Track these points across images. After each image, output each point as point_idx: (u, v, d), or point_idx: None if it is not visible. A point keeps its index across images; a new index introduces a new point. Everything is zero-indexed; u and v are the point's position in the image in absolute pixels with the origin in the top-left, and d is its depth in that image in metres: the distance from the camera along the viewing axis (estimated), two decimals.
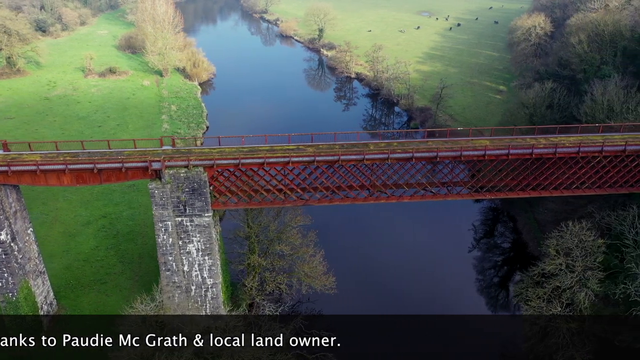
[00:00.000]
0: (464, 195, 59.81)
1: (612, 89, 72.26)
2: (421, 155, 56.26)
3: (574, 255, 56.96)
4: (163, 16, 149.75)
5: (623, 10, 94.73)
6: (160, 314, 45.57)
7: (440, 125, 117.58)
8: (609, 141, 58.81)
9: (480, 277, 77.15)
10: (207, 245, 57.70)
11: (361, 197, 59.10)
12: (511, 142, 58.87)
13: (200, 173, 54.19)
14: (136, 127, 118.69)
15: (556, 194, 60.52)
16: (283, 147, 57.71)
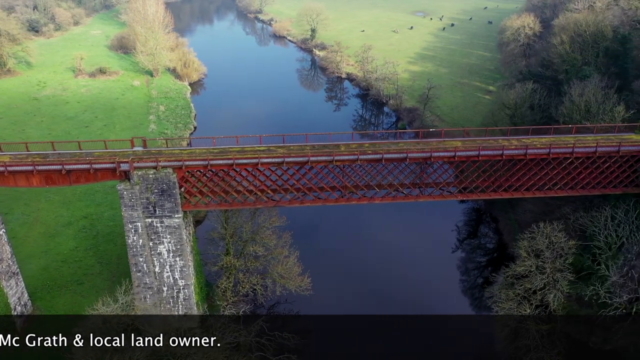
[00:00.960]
0: (435, 196, 59.72)
1: (590, 90, 72.07)
2: (391, 157, 56.23)
3: (544, 257, 56.83)
4: (153, 16, 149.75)
5: (607, 10, 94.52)
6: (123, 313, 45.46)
7: (427, 125, 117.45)
8: (581, 142, 58.75)
9: (459, 277, 77.17)
10: (178, 247, 57.72)
11: (332, 198, 59.05)
12: (482, 143, 58.83)
13: (169, 174, 54.20)
14: (123, 127, 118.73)
15: (528, 195, 60.46)
16: (253, 148, 57.74)
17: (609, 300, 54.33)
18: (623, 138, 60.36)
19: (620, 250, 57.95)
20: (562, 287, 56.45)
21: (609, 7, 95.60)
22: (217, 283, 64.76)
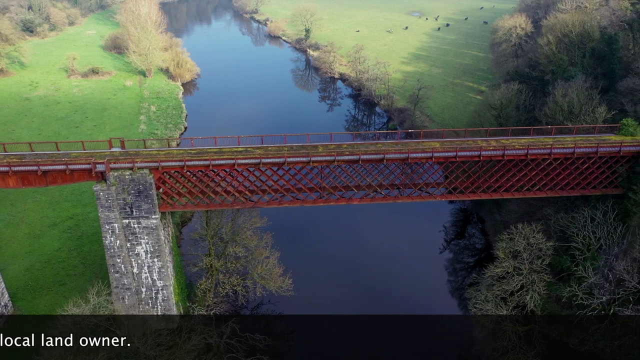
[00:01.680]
0: (413, 197, 59.66)
1: (573, 90, 71.93)
2: (368, 158, 56.16)
3: (521, 258, 56.74)
4: (146, 16, 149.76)
5: (594, 11, 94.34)
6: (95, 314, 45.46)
7: (417, 126, 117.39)
8: (559, 143, 58.68)
9: (443, 277, 76.88)
10: (156, 247, 57.72)
11: (310, 199, 58.99)
12: (461, 144, 58.76)
13: (145, 175, 54.19)
14: (113, 127, 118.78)
15: (507, 196, 60.39)
16: (231, 149, 57.73)
17: (585, 302, 54.20)
18: (602, 139, 60.26)
19: (599, 252, 57.79)
20: (539, 288, 56.33)
21: (596, 8, 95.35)
22: (197, 284, 64.56)
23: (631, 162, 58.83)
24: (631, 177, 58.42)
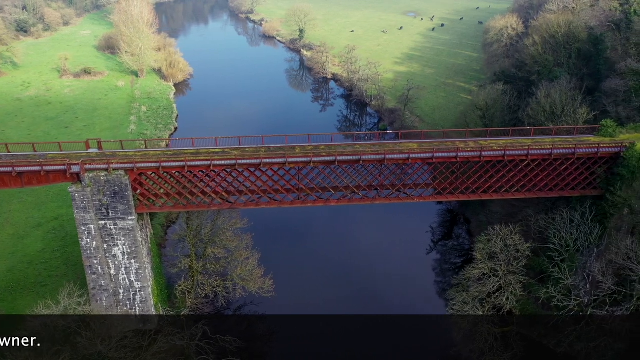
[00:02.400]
0: (391, 198, 59.56)
1: (556, 91, 71.77)
2: (345, 159, 56.08)
3: (497, 260, 56.61)
4: (138, 17, 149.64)
5: (581, 11, 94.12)
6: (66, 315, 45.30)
7: (408, 126, 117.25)
8: (537, 145, 58.56)
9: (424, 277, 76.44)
10: (133, 249, 57.68)
11: (288, 200, 58.92)
12: (439, 145, 58.62)
13: (121, 176, 54.15)
14: (103, 128, 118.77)
15: (485, 197, 60.28)
16: (208, 151, 57.70)
17: (560, 304, 54.06)
18: (581, 140, 60.14)
19: (577, 253, 57.62)
20: (516, 289, 56.19)
21: (583, 9, 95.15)
22: (176, 285, 64.48)
23: (609, 164, 58.69)
24: (609, 179, 58.25)
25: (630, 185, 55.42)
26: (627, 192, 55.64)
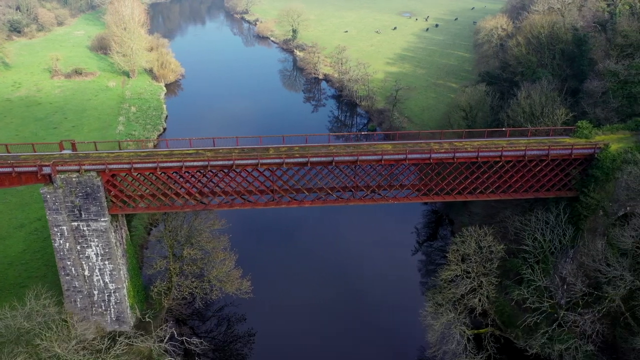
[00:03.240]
0: (366, 200, 59.45)
1: (536, 92, 71.61)
2: (317, 160, 56.00)
3: (470, 261, 56.49)
4: (129, 17, 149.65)
5: (566, 12, 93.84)
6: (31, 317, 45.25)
7: (396, 127, 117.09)
8: (512, 146, 58.42)
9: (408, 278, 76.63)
10: (107, 250, 57.63)
11: (261, 201, 58.87)
12: (413, 146, 58.51)
13: (92, 177, 54.11)
14: (91, 128, 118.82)
15: (460, 198, 60.18)
16: (182, 152, 57.67)
17: (532, 305, 53.94)
18: (556, 141, 60.00)
19: (550, 255, 57.46)
20: (488, 291, 56.07)
21: (569, 9, 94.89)
22: (151, 287, 64.38)
23: (584, 165, 58.54)
24: (584, 180, 58.10)
25: (603, 187, 55.25)
26: (600, 193, 55.46)
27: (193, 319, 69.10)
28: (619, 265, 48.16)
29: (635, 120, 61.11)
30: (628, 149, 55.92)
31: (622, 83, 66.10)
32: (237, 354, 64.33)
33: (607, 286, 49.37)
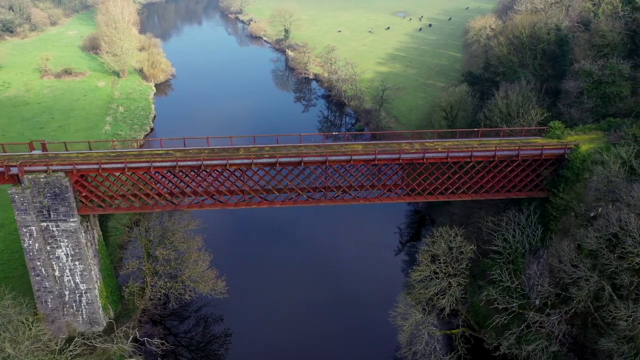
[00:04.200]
0: (336, 200, 59.35)
1: (513, 92, 71.46)
2: (286, 161, 55.91)
3: (439, 262, 56.37)
4: (119, 16, 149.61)
5: (549, 12, 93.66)
6: None
7: (383, 127, 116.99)
8: (483, 146, 58.29)
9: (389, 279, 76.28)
10: (77, 251, 57.56)
11: (232, 202, 58.81)
12: (384, 147, 58.39)
13: (61, 178, 54.03)
14: (78, 128, 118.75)
15: (431, 199, 60.12)
16: (151, 152, 57.61)
17: (500, 306, 53.80)
18: (528, 142, 59.85)
19: (521, 255, 57.29)
20: (457, 292, 55.92)
21: (552, 9, 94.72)
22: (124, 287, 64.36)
23: (555, 166, 58.39)
24: (555, 181, 57.95)
25: (572, 188, 55.10)
26: (570, 194, 55.31)
27: (171, 319, 68.99)
28: (584, 266, 47.97)
29: (608, 120, 60.97)
30: (598, 150, 55.72)
31: (596, 83, 65.93)
32: (213, 354, 64.27)
33: (571, 287, 49.16)
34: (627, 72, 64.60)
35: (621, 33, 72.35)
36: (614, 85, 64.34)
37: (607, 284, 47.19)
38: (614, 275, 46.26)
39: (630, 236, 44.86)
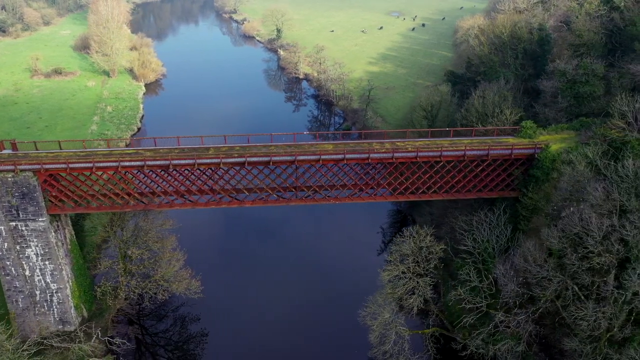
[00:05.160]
0: (307, 200, 59.28)
1: (489, 92, 71.33)
2: (255, 160, 55.85)
3: (407, 261, 56.27)
4: (108, 16, 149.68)
5: (530, 11, 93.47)
6: None
7: (369, 126, 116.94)
8: (453, 146, 58.15)
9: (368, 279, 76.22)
10: (46, 250, 57.56)
11: (202, 201, 58.78)
12: (354, 146, 58.32)
13: (29, 177, 54.02)
14: (64, 128, 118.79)
15: (402, 198, 60.10)
16: (122, 152, 57.69)
17: (467, 306, 53.70)
18: (499, 141, 59.72)
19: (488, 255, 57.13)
20: (426, 291, 55.81)
21: (533, 9, 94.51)
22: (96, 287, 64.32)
23: (526, 165, 58.25)
24: (525, 180, 57.82)
25: (541, 187, 54.97)
26: (539, 193, 55.18)
27: (149, 319, 69.05)
28: (548, 266, 47.84)
29: (580, 120, 60.82)
30: (568, 149, 55.57)
31: (570, 83, 65.72)
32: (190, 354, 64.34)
33: (535, 287, 49.04)
34: (601, 72, 64.37)
35: (598, 33, 72.13)
36: (588, 85, 64.16)
37: (572, 284, 47.01)
38: (576, 275, 46.08)
39: (591, 236, 44.71)
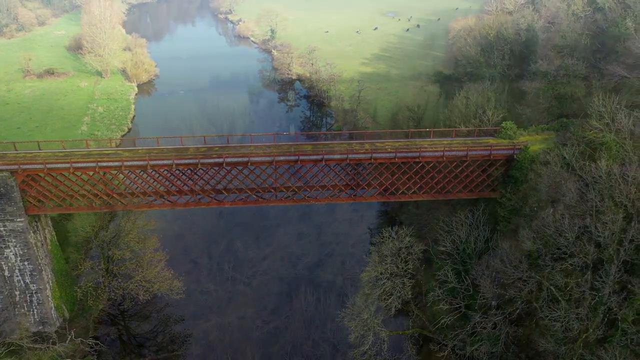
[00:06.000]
0: (286, 201, 59.28)
1: (472, 93, 71.34)
2: (233, 161, 55.85)
3: (385, 262, 56.22)
4: (100, 16, 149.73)
5: (518, 12, 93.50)
6: None
7: (359, 127, 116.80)
8: (432, 147, 58.12)
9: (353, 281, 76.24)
10: (25, 251, 57.52)
11: (181, 202, 58.77)
12: (334, 147, 58.29)
13: (6, 178, 53.99)
14: (54, 128, 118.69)
15: (381, 199, 60.25)
16: (100, 152, 57.65)
17: (444, 307, 53.66)
18: (478, 142, 59.72)
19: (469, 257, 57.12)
20: (405, 292, 55.75)
21: (520, 10, 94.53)
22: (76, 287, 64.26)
23: (506, 166, 58.21)
24: (505, 181, 57.79)
25: (519, 188, 54.94)
26: (518, 194, 55.14)
27: (133, 319, 68.94)
28: (522, 267, 47.80)
29: (560, 121, 60.80)
30: (547, 150, 55.55)
31: (552, 83, 65.73)
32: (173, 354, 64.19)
33: (510, 288, 48.99)
34: (582, 73, 64.39)
35: (582, 34, 72.13)
36: (569, 86, 64.21)
37: (547, 285, 46.95)
38: (550, 276, 46.02)
39: (564, 237, 44.67)
